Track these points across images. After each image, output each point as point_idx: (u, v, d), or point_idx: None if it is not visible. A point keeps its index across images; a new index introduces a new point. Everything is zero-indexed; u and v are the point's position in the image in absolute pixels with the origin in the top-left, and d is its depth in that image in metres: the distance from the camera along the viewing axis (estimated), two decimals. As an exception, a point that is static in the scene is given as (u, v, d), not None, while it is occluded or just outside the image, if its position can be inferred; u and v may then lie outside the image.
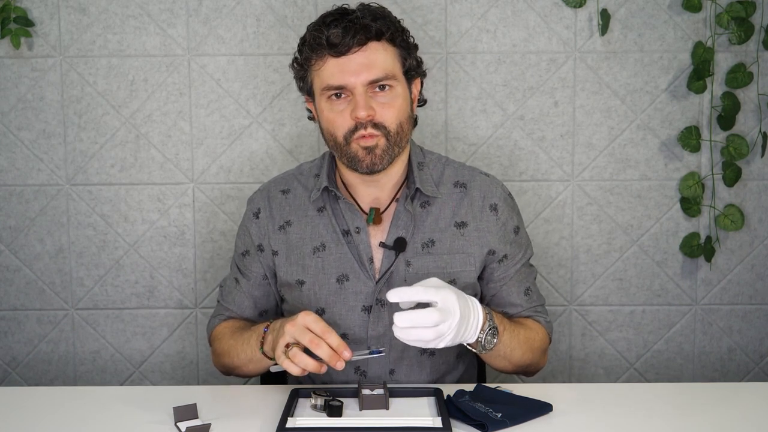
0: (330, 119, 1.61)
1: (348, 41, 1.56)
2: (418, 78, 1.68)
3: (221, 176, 2.24)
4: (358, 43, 1.56)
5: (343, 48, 1.56)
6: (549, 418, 1.46)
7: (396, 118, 1.59)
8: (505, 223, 1.70)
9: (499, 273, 1.70)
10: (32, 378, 2.32)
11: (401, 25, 1.64)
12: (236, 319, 1.77)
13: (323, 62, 1.59)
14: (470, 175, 1.72)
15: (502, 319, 1.59)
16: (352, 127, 1.58)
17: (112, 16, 2.18)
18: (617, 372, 2.31)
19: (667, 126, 2.22)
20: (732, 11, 2.13)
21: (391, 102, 1.59)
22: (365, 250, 1.65)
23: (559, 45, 2.19)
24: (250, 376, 1.69)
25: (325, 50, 1.57)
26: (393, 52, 1.60)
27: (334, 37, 1.56)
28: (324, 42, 1.57)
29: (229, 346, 1.68)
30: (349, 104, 1.58)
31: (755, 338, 2.30)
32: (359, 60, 1.56)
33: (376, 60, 1.57)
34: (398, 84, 1.60)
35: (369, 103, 1.57)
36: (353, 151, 1.60)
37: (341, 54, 1.56)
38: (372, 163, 1.60)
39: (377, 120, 1.58)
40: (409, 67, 1.63)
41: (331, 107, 1.60)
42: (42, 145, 2.23)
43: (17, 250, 2.26)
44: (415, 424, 1.39)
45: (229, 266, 1.88)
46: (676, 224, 2.25)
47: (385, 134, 1.59)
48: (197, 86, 2.21)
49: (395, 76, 1.59)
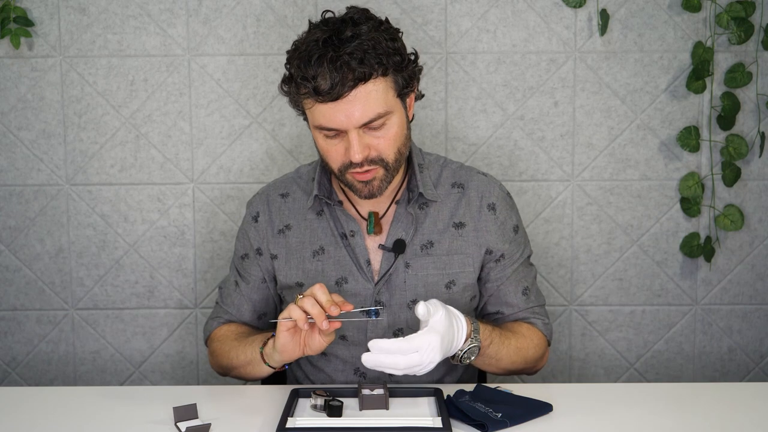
0: (325, 150, 1.58)
1: (337, 90, 1.47)
2: (412, 93, 1.62)
3: (221, 176, 2.24)
4: (348, 88, 1.48)
5: (333, 96, 1.48)
6: (549, 418, 1.46)
7: (393, 147, 1.56)
8: (504, 222, 1.70)
9: (496, 272, 1.70)
10: (32, 378, 2.32)
11: (394, 47, 1.52)
12: (236, 323, 1.77)
13: (312, 103, 1.52)
14: (467, 176, 1.72)
15: (491, 332, 1.59)
16: (347, 163, 1.55)
17: (112, 16, 2.18)
18: (617, 372, 2.31)
19: (667, 126, 2.22)
20: (732, 11, 2.13)
21: (387, 134, 1.54)
22: (362, 252, 1.65)
23: (559, 45, 2.19)
24: (246, 378, 1.68)
25: (312, 96, 1.50)
26: (384, 83, 1.52)
27: (322, 84, 1.48)
28: (311, 90, 1.49)
29: (230, 347, 1.67)
30: (343, 141, 1.54)
31: (755, 338, 2.30)
32: (350, 104, 1.49)
33: (368, 101, 1.49)
34: (393, 115, 1.54)
35: (364, 142, 1.52)
36: (349, 181, 1.58)
37: (330, 100, 1.49)
38: (370, 194, 1.58)
39: (373, 156, 1.54)
40: (403, 86, 1.56)
41: (326, 141, 1.56)
42: (42, 145, 2.23)
43: (17, 250, 2.26)
44: (415, 424, 1.39)
45: (229, 268, 1.88)
46: (676, 224, 2.25)
47: (384, 165, 1.56)
48: (197, 86, 2.21)
49: (388, 110, 1.53)
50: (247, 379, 1.69)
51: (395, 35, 1.55)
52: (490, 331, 1.58)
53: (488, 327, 1.59)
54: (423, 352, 1.40)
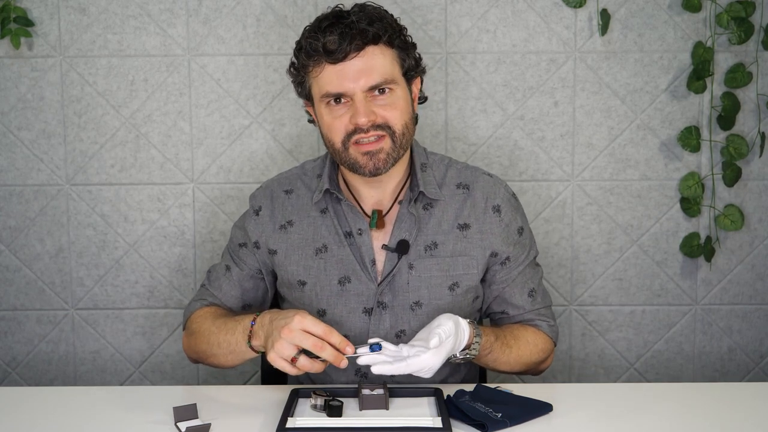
0: (329, 124, 1.59)
1: (345, 47, 1.53)
2: (417, 77, 1.66)
3: (221, 176, 2.24)
4: (356, 48, 1.54)
5: (340, 54, 1.54)
6: (549, 418, 1.46)
7: (400, 119, 1.58)
8: (509, 224, 1.69)
9: (502, 275, 1.69)
10: (32, 378, 2.32)
11: (399, 25, 1.61)
12: (218, 306, 1.74)
13: (321, 69, 1.57)
14: (473, 176, 1.71)
15: (493, 342, 1.60)
16: (350, 131, 1.56)
17: (112, 16, 2.18)
18: (617, 372, 2.31)
19: (667, 126, 2.22)
20: (732, 11, 2.13)
21: (393, 103, 1.57)
22: (367, 252, 1.65)
23: (559, 45, 2.19)
24: (224, 366, 1.66)
25: (322, 57, 1.55)
26: (391, 54, 1.58)
27: (331, 44, 1.53)
28: (320, 49, 1.54)
29: (209, 332, 1.64)
30: (348, 109, 1.57)
31: (755, 338, 2.30)
32: (357, 66, 1.54)
33: (374, 65, 1.55)
34: (398, 86, 1.58)
35: (369, 108, 1.55)
36: (352, 157, 1.58)
37: (338, 60, 1.54)
38: (375, 168, 1.58)
39: (380, 121, 1.56)
40: (408, 68, 1.61)
41: (331, 112, 1.58)
42: (42, 145, 2.23)
43: (17, 250, 2.26)
44: (415, 424, 1.39)
45: (221, 254, 1.86)
46: (676, 224, 2.25)
47: (390, 134, 1.57)
48: (197, 86, 2.21)
49: (394, 79, 1.58)
50: (227, 367, 1.66)
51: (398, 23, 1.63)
52: (492, 342, 1.59)
53: (491, 337, 1.59)
54: (421, 372, 1.46)
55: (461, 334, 1.50)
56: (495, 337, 1.60)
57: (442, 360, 1.46)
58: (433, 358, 1.45)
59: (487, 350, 1.58)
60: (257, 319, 1.53)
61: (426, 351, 1.45)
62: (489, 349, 1.59)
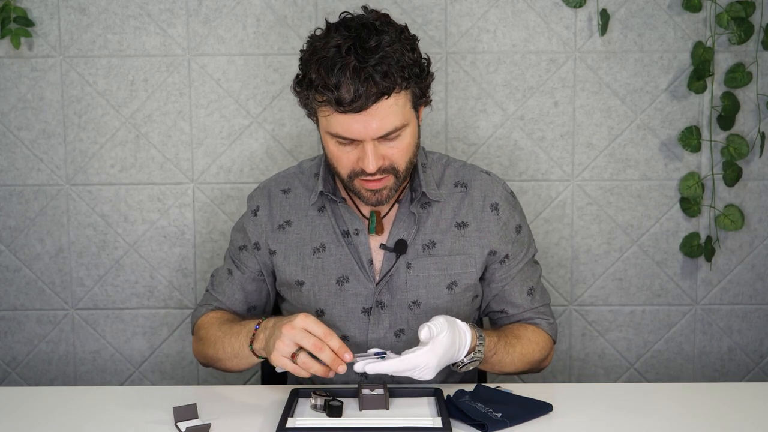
0: (335, 155, 1.56)
1: (360, 103, 1.45)
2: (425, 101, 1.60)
3: (221, 176, 2.24)
4: (372, 102, 1.46)
5: (355, 108, 1.46)
6: (549, 418, 1.46)
7: (406, 157, 1.56)
8: (507, 222, 1.69)
9: (501, 274, 1.69)
10: (32, 378, 2.32)
11: (413, 58, 1.50)
12: (224, 310, 1.75)
13: (330, 110, 1.49)
14: (471, 175, 1.71)
15: (497, 343, 1.59)
16: (357, 171, 1.54)
17: (112, 16, 2.18)
18: (617, 372, 2.31)
19: (667, 126, 2.22)
20: (732, 11, 2.13)
21: (401, 145, 1.53)
22: (365, 251, 1.65)
23: (559, 45, 2.19)
24: (231, 371, 1.66)
25: (333, 105, 1.47)
26: (405, 97, 1.51)
27: (345, 94, 1.45)
28: (332, 100, 1.46)
29: (215, 337, 1.65)
30: (356, 149, 1.53)
31: (755, 338, 2.30)
32: (370, 117, 1.47)
33: (388, 115, 1.48)
34: (408, 125, 1.54)
35: (378, 153, 1.52)
36: (356, 188, 1.58)
37: (352, 112, 1.47)
38: (378, 201, 1.58)
39: (386, 165, 1.54)
40: (420, 96, 1.55)
41: (338, 148, 1.54)
42: (42, 145, 2.23)
43: (17, 250, 2.26)
44: (415, 424, 1.39)
45: (223, 258, 1.87)
46: (676, 224, 2.25)
47: (395, 174, 1.56)
48: (197, 86, 2.21)
49: (405, 123, 1.52)
50: (234, 371, 1.67)
51: (414, 44, 1.54)
52: (495, 342, 1.59)
53: (494, 338, 1.59)
54: (416, 371, 1.44)
55: (460, 335, 1.50)
56: (498, 338, 1.60)
57: (438, 359, 1.44)
58: (428, 355, 1.43)
59: (491, 351, 1.58)
60: (262, 323, 1.55)
61: (421, 347, 1.44)
62: (494, 350, 1.58)
